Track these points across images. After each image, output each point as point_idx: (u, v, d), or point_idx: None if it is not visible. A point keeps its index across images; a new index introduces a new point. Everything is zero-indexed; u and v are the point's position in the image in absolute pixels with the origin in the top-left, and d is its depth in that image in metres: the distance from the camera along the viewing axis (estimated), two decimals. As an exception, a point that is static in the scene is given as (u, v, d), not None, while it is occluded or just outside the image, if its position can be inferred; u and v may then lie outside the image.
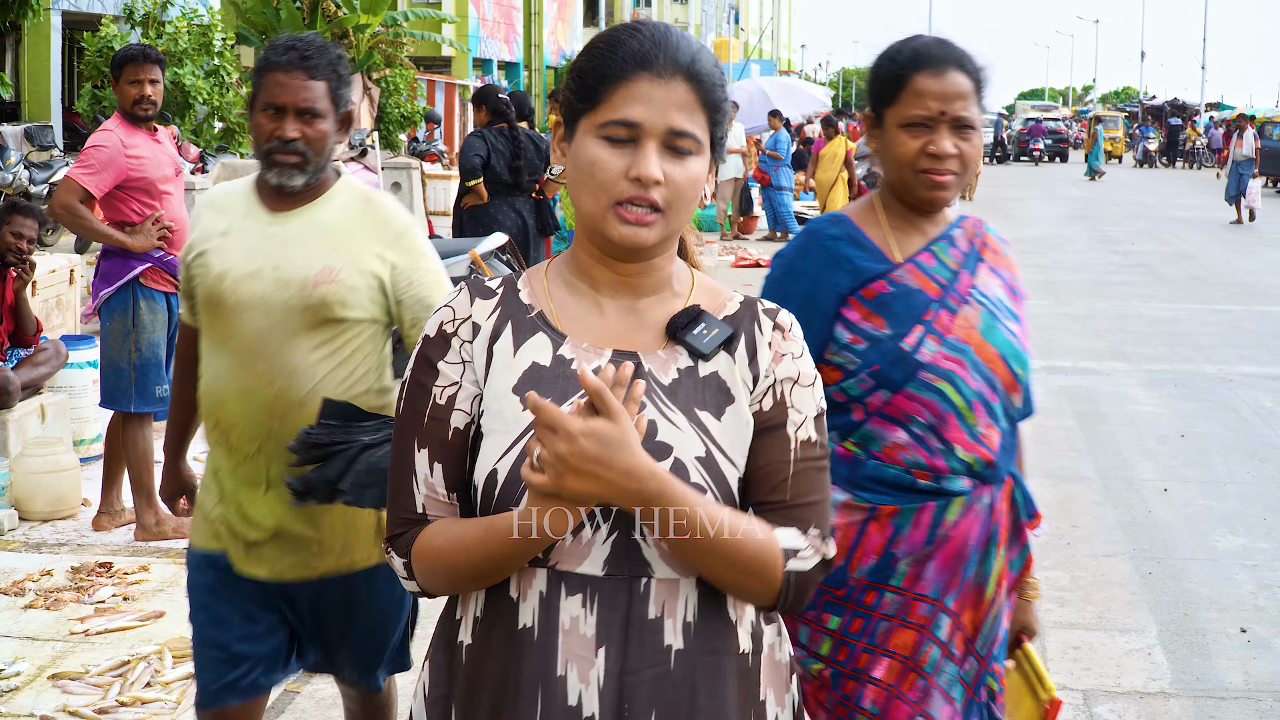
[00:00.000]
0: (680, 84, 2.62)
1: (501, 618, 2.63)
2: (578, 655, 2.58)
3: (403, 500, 2.69)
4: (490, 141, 13.56)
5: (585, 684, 2.58)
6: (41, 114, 33.31)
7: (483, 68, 60.90)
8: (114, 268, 8.47)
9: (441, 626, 2.77)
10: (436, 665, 2.76)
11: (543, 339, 2.69)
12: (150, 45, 8.66)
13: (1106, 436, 11.85)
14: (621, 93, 2.61)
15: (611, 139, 2.61)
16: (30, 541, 8.69)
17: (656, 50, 2.62)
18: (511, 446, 2.59)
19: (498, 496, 2.57)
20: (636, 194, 2.60)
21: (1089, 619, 7.62)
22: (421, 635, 7.05)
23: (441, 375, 2.68)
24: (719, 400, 2.69)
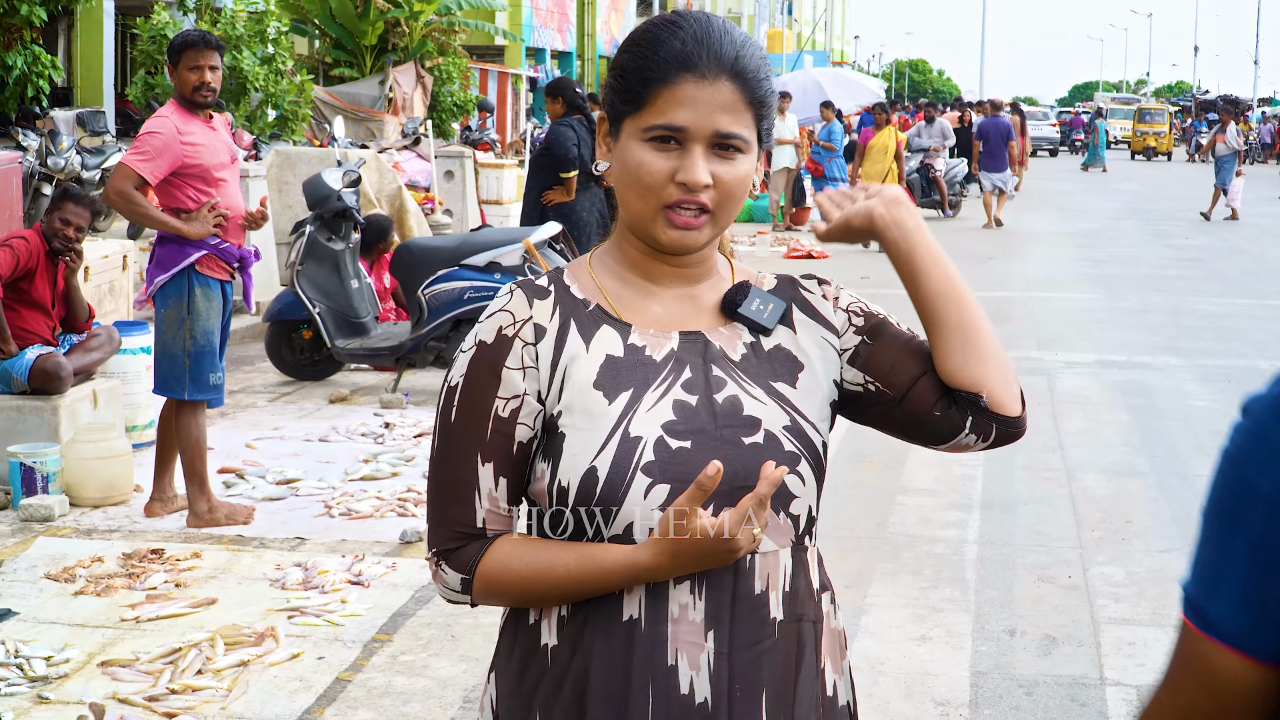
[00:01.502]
0: (725, 84, 2.58)
1: (600, 612, 2.60)
2: (688, 642, 2.57)
3: (458, 512, 2.64)
4: (579, 132, 13.61)
5: (696, 670, 2.57)
6: (94, 99, 33.46)
7: (536, 57, 60.92)
8: (169, 254, 8.48)
9: (510, 634, 2.73)
10: (506, 674, 2.71)
11: (609, 331, 2.66)
12: (210, 32, 8.64)
13: (1161, 431, 11.79)
14: (665, 96, 2.57)
15: (657, 140, 2.58)
16: (81, 528, 8.72)
17: (699, 49, 2.58)
18: (607, 442, 2.55)
19: (600, 494, 2.54)
20: (684, 198, 2.58)
21: (1144, 615, 7.58)
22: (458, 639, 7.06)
23: (504, 384, 2.62)
24: (790, 370, 2.71)
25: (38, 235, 9.63)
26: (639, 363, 2.64)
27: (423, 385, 13.01)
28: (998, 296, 20.09)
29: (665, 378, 2.62)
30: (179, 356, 8.55)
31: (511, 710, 2.69)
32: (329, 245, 12.78)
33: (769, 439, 2.61)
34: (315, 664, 6.64)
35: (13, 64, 18.91)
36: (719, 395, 2.62)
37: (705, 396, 2.62)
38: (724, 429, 2.60)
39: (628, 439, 2.55)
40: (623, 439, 2.55)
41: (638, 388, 2.61)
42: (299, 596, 7.48)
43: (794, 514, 2.64)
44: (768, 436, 2.61)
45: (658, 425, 2.57)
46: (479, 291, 12.08)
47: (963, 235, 29.18)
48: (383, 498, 9.28)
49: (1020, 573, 8.21)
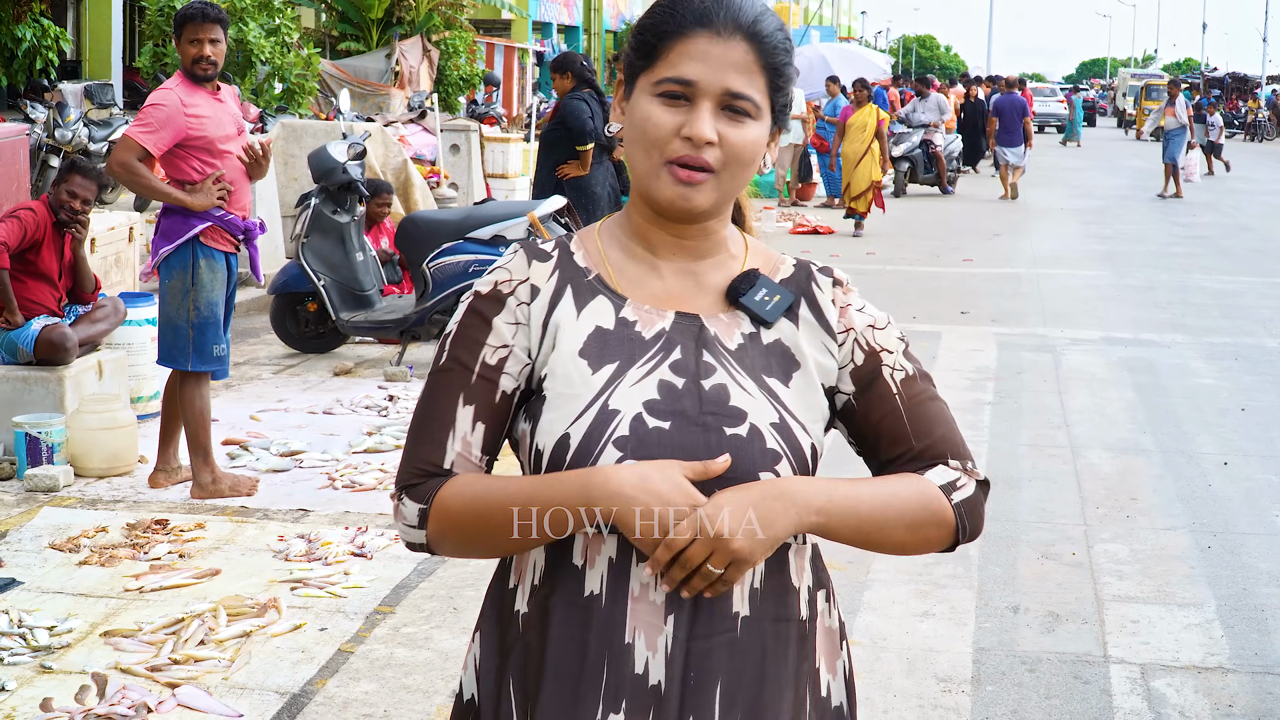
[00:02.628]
0: (740, 44, 2.58)
1: (564, 585, 2.60)
2: (646, 623, 2.56)
3: (429, 450, 2.63)
4: (590, 105, 13.61)
5: (653, 651, 2.56)
6: (102, 72, 33.42)
7: (542, 31, 60.81)
8: (174, 226, 8.47)
9: (493, 596, 2.74)
10: (488, 635, 2.73)
11: (603, 302, 2.66)
12: (213, 4, 8.62)
13: (1167, 409, 11.78)
14: (679, 49, 2.57)
15: (666, 95, 2.58)
16: (86, 498, 8.73)
17: (717, 7, 2.58)
18: (584, 412, 2.55)
19: (569, 462, 2.53)
20: (688, 154, 2.57)
21: (1148, 593, 7.57)
22: (462, 601, 7.05)
23: (494, 333, 2.63)
24: (785, 366, 2.68)
25: (44, 207, 9.63)
26: (628, 338, 2.63)
27: (427, 358, 13.01)
28: (1004, 273, 20.10)
29: (653, 356, 2.61)
30: (183, 328, 8.54)
31: (489, 671, 2.71)
32: (334, 218, 12.78)
33: (752, 433, 2.58)
34: (318, 635, 6.65)
35: (21, 36, 18.90)
36: (707, 381, 2.61)
37: (692, 380, 2.60)
38: (707, 415, 2.58)
39: (605, 411, 2.54)
40: (600, 410, 2.55)
41: (623, 362, 2.60)
42: (302, 568, 7.48)
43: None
44: (751, 430, 2.58)
45: (638, 402, 2.56)
46: (484, 265, 12.07)
47: (969, 212, 29.20)
48: (386, 470, 9.29)
49: (1024, 549, 8.20)
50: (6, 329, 9.48)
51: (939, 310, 16.29)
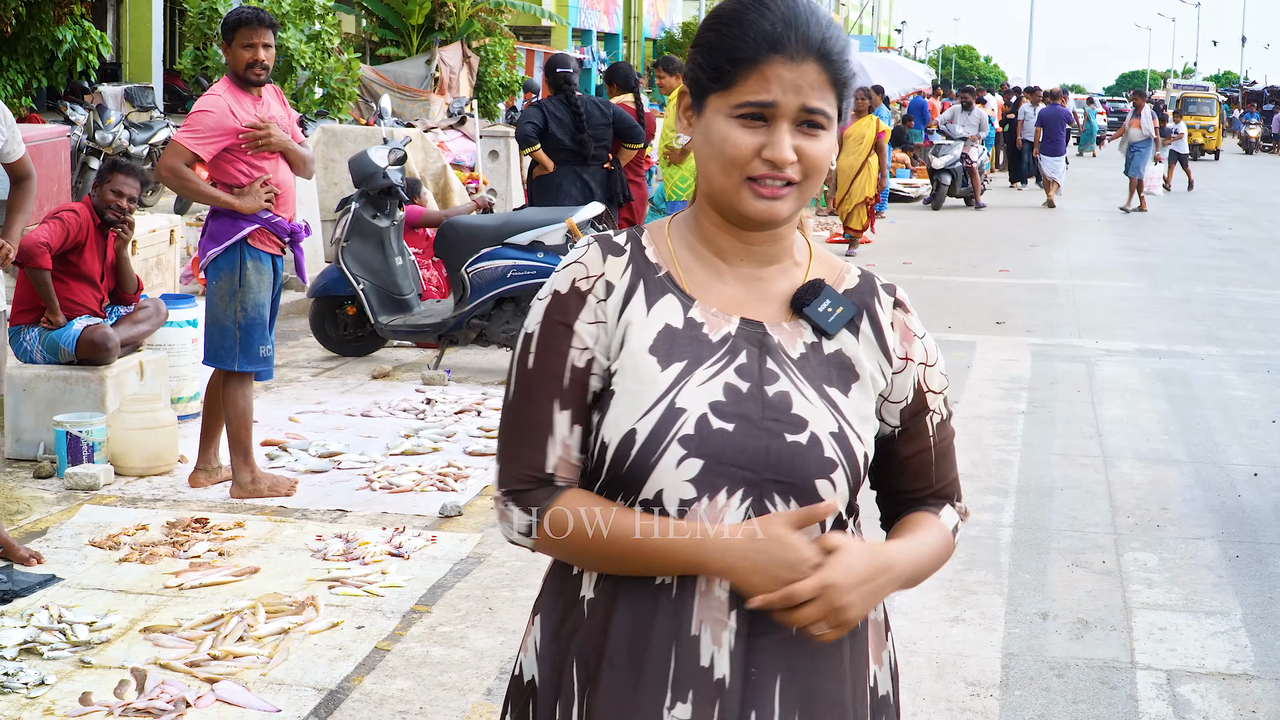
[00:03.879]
0: (812, 65, 2.62)
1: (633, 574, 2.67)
2: (712, 617, 2.63)
3: (531, 455, 2.68)
4: (549, 111, 13.60)
5: (718, 646, 2.63)
6: (142, 75, 33.62)
7: (582, 38, 60.94)
8: (222, 228, 8.57)
9: (554, 581, 2.80)
10: (550, 618, 2.78)
11: (673, 300, 2.71)
12: (264, 10, 8.73)
13: (1199, 420, 11.80)
14: (755, 75, 2.61)
15: (745, 118, 2.62)
16: (126, 496, 8.82)
17: (789, 31, 2.61)
18: (651, 408, 2.61)
19: (634, 457, 2.61)
20: (769, 173, 2.62)
21: (1176, 601, 7.61)
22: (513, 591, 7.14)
23: (578, 336, 2.67)
24: (845, 378, 2.74)
25: (87, 208, 9.73)
26: (695, 338, 2.68)
27: (465, 362, 13.09)
28: (1040, 284, 20.10)
29: (720, 359, 2.66)
30: (230, 329, 8.64)
31: (552, 654, 2.75)
32: (374, 222, 12.87)
33: (812, 441, 2.64)
34: (355, 633, 6.72)
35: (62, 39, 19.02)
36: (770, 388, 2.66)
37: (757, 386, 2.65)
38: (769, 421, 2.63)
39: (672, 409, 2.60)
40: (668, 408, 2.61)
41: (691, 362, 2.65)
42: (339, 567, 7.56)
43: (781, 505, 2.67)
44: (811, 439, 2.64)
45: (705, 402, 2.61)
46: (521, 270, 12.15)
47: (1006, 222, 29.17)
48: (423, 472, 9.37)
49: (1054, 557, 8.25)
50: (49, 329, 9.58)
51: (974, 320, 16.32)
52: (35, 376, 9.58)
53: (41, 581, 7.23)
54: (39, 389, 9.57)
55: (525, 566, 7.73)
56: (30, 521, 8.30)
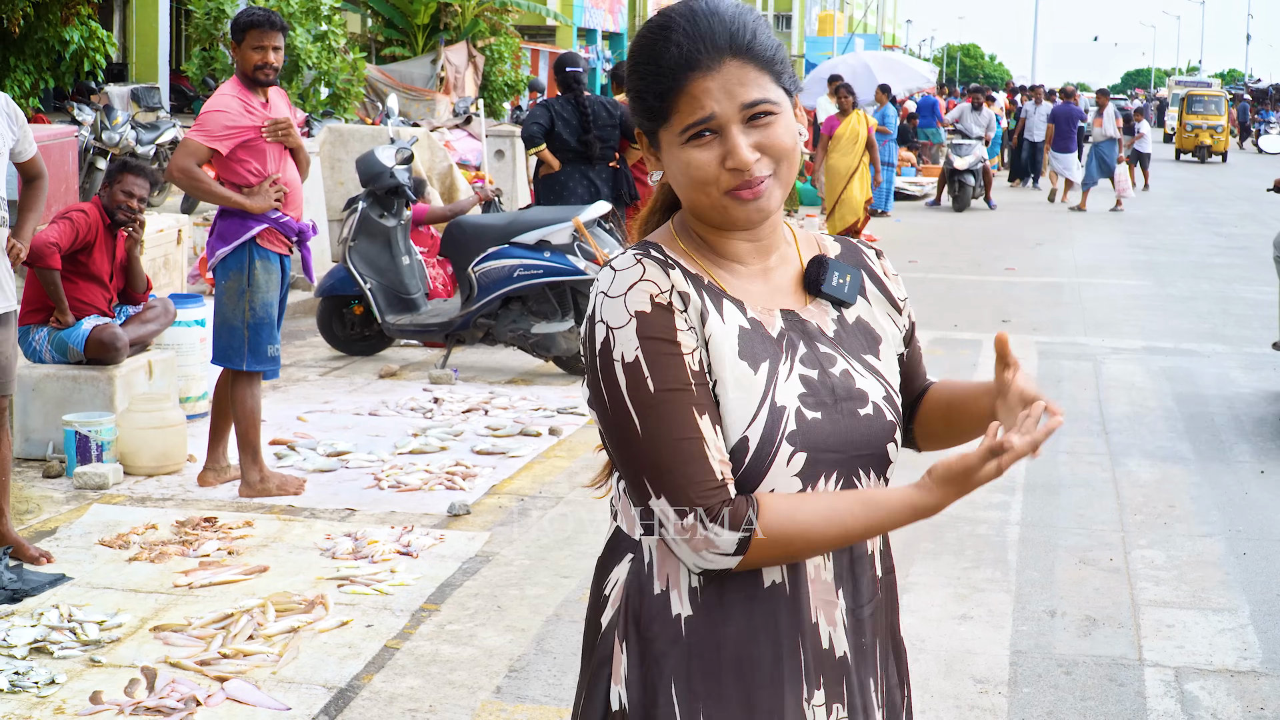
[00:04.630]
0: (731, 64, 2.65)
1: (738, 581, 2.69)
2: (824, 601, 2.73)
3: (699, 471, 2.59)
4: (556, 110, 13.60)
5: (833, 626, 2.75)
6: (149, 75, 33.67)
7: (587, 37, 60.93)
8: (231, 228, 8.60)
9: (632, 604, 2.75)
10: (634, 643, 2.75)
11: (730, 305, 2.72)
12: (274, 11, 8.75)
13: (1205, 418, 11.81)
14: (684, 99, 2.64)
15: (694, 138, 2.65)
16: (135, 496, 8.84)
17: (694, 45, 2.64)
18: (758, 413, 2.65)
19: (748, 463, 2.64)
20: (741, 181, 2.65)
21: (1183, 598, 7.62)
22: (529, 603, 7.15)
23: (683, 345, 2.63)
24: (874, 343, 2.86)
25: (96, 209, 9.76)
26: (762, 337, 2.71)
27: (471, 361, 13.12)
28: (1046, 282, 20.11)
29: (785, 353, 2.71)
30: (238, 328, 8.66)
31: (640, 679, 2.74)
32: (381, 222, 12.89)
33: (876, 410, 2.76)
34: (364, 631, 6.74)
35: (69, 39, 19.01)
36: (833, 370, 2.74)
37: (823, 371, 2.73)
38: (842, 402, 2.72)
39: (775, 409, 2.65)
40: (771, 409, 2.65)
41: (772, 360, 2.69)
42: (349, 566, 7.58)
43: (888, 478, 2.81)
44: (875, 409, 2.76)
45: (795, 396, 2.67)
46: (528, 269, 12.17)
47: (1012, 221, 29.17)
48: (431, 471, 9.39)
49: (1062, 555, 8.26)
50: (58, 329, 9.61)
51: (981, 318, 16.31)
52: (44, 376, 9.61)
53: (51, 581, 7.26)
54: (48, 388, 9.59)
55: (534, 565, 7.75)
56: (40, 521, 8.33)
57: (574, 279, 12.14)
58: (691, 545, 2.60)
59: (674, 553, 2.64)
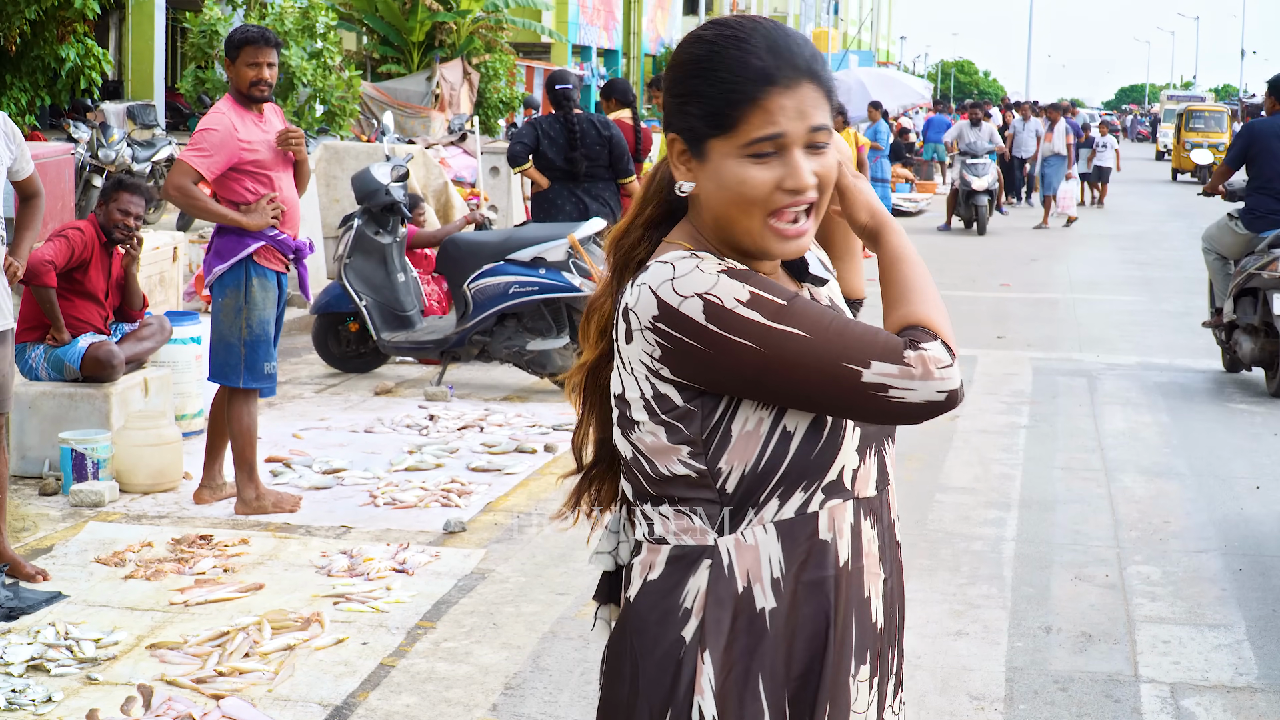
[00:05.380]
0: (807, 85, 2.68)
1: (815, 562, 2.74)
2: (874, 575, 2.82)
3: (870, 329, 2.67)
4: (542, 129, 13.59)
5: (878, 597, 2.82)
6: (144, 93, 33.72)
7: (581, 54, 61.01)
8: (228, 245, 8.61)
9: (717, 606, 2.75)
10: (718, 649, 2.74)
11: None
12: (268, 28, 8.78)
13: (1201, 433, 11.82)
14: (757, 112, 2.65)
15: (756, 155, 2.66)
16: (131, 513, 8.84)
17: (777, 60, 2.66)
18: None
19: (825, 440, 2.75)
20: (790, 202, 2.67)
21: (1179, 614, 7.63)
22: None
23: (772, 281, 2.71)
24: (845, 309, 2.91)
25: (92, 226, 9.77)
26: None
27: (467, 379, 13.13)
28: (1041, 298, 20.15)
29: None
30: (235, 345, 8.67)
31: (734, 681, 2.74)
32: (376, 239, 12.91)
33: None
34: (360, 649, 6.74)
35: (65, 56, 19.05)
36: None
37: None
38: None
39: None
40: None
41: None
42: (344, 583, 7.58)
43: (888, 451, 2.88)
44: None
45: None
46: (524, 286, 12.18)
47: (1007, 237, 29.21)
48: (427, 488, 9.39)
49: (1057, 571, 8.27)
50: (54, 346, 9.62)
51: (976, 334, 16.33)
52: (41, 393, 9.62)
53: (48, 598, 7.26)
54: (44, 406, 9.60)
55: (529, 582, 7.76)
56: (36, 538, 8.33)
57: (569, 296, 12.14)
58: (924, 375, 2.62)
59: (915, 402, 2.63)
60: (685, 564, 2.77)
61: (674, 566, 2.78)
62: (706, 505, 2.75)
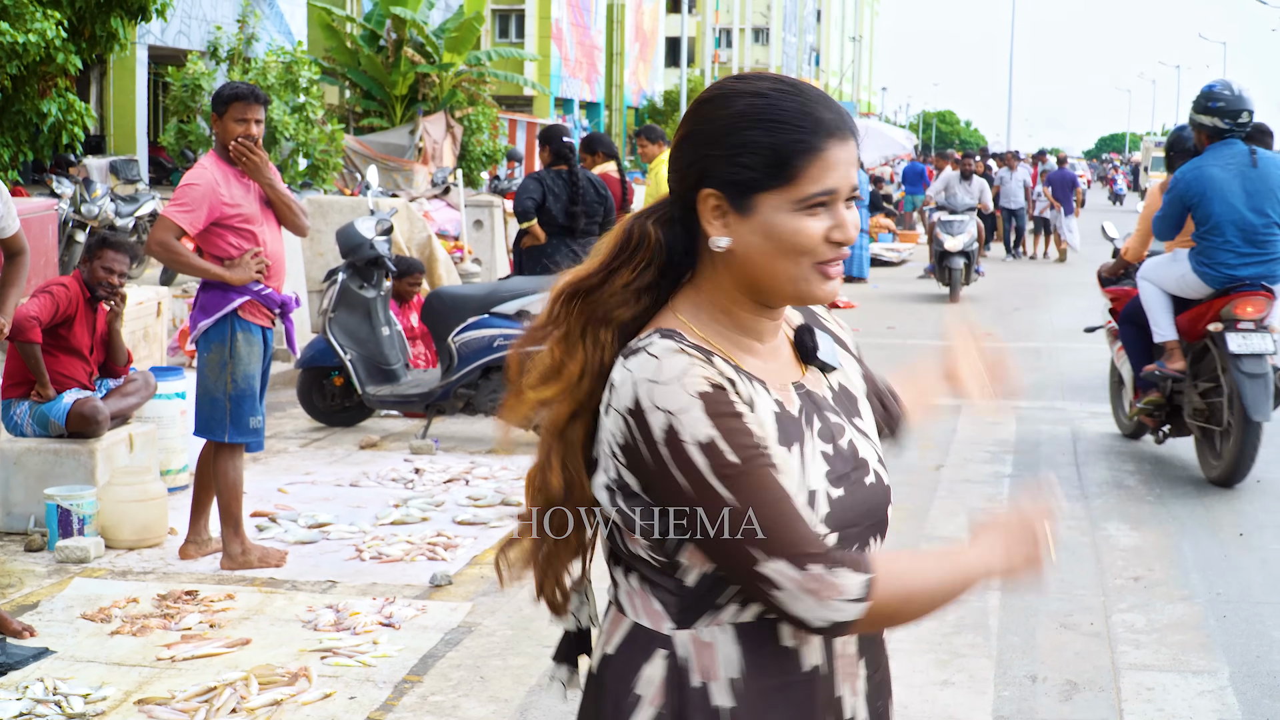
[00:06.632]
0: (852, 142, 2.71)
1: (779, 667, 2.71)
2: (849, 674, 2.79)
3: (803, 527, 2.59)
4: (548, 184, 13.65)
5: (855, 695, 2.79)
6: (127, 147, 33.78)
7: (564, 107, 61.20)
8: (213, 300, 8.64)
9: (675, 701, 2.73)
10: None
11: (759, 388, 2.73)
12: (256, 85, 8.83)
13: (1184, 481, 11.85)
14: (818, 164, 2.65)
15: (811, 208, 2.66)
16: (116, 569, 8.84)
17: (834, 115, 2.69)
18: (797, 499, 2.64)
19: None
20: (835, 254, 2.69)
21: (1163, 660, 7.66)
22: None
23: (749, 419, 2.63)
24: (857, 404, 2.92)
25: (76, 282, 9.80)
26: (788, 417, 2.73)
27: (452, 432, 13.14)
28: (1024, 347, 20.18)
29: (807, 431, 2.73)
30: (220, 400, 8.69)
31: None
32: (361, 293, 12.93)
33: (877, 477, 2.80)
34: (347, 703, 6.75)
35: (47, 111, 19.09)
36: (842, 441, 2.77)
37: (835, 444, 2.76)
38: (853, 472, 2.76)
39: (810, 495, 2.67)
40: (808, 495, 2.67)
41: (800, 441, 2.71)
42: (331, 637, 7.59)
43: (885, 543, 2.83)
44: (875, 475, 2.80)
45: (823, 476, 2.70)
46: (508, 339, 12.21)
47: (988, 286, 29.23)
48: (413, 542, 9.40)
49: (1043, 619, 8.29)
50: (39, 402, 9.64)
51: (958, 384, 16.33)
52: (26, 450, 9.63)
53: (35, 654, 7.26)
54: (30, 462, 9.61)
55: (516, 635, 7.77)
56: (22, 594, 8.33)
57: (553, 349, 12.15)
58: (819, 596, 2.54)
59: (792, 613, 2.57)
60: (641, 648, 2.74)
61: (631, 648, 2.76)
62: (666, 595, 2.72)
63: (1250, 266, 11.36)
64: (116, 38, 19.51)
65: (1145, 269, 12.10)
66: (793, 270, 2.68)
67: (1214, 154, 11.49)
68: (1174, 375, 11.85)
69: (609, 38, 68.61)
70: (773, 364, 2.80)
